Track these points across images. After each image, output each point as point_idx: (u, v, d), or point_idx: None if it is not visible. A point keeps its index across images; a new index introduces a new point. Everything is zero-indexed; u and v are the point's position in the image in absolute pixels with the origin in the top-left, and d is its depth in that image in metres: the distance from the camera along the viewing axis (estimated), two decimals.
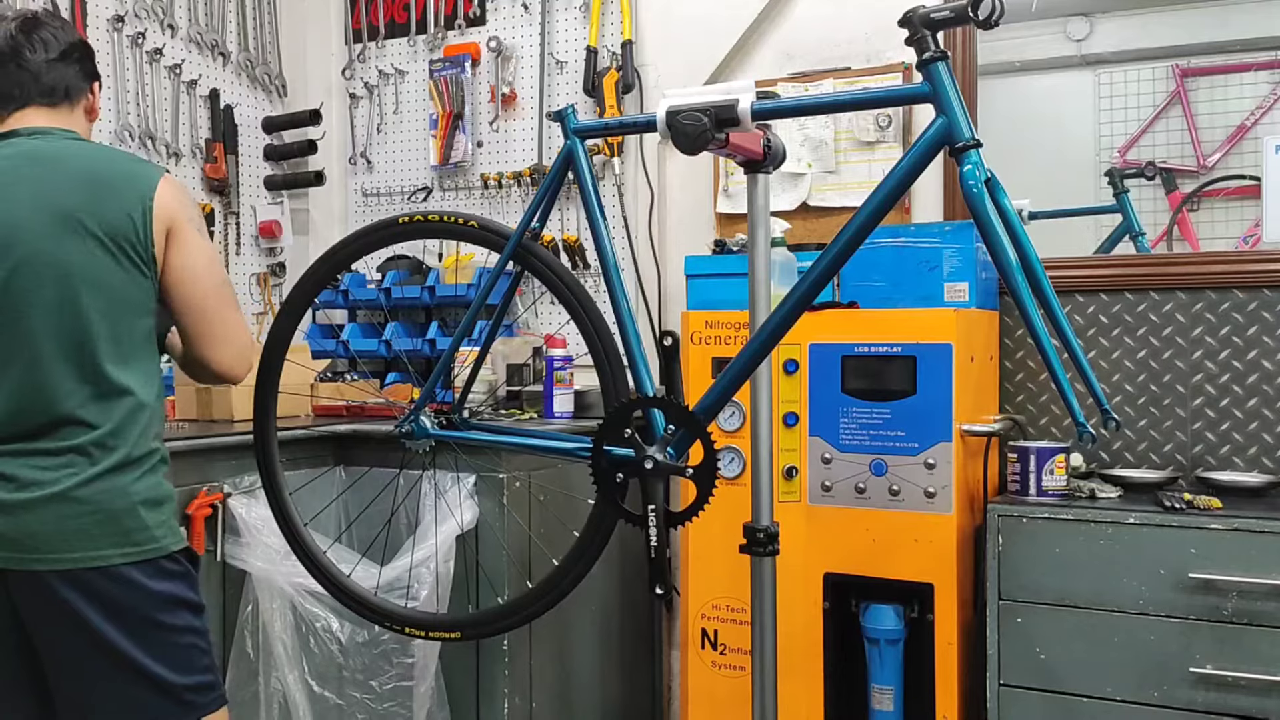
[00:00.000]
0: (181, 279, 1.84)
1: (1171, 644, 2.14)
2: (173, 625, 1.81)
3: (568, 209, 3.34)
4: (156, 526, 1.80)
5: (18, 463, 1.74)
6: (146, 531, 1.78)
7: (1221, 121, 2.75)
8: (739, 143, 1.78)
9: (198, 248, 1.86)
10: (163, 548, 1.80)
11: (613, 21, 3.27)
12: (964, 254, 2.44)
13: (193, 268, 1.85)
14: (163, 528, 1.81)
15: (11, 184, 1.78)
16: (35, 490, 1.73)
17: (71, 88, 1.91)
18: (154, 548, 1.79)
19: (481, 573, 2.56)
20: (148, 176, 1.83)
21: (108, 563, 1.74)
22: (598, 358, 1.97)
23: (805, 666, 2.42)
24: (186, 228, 1.84)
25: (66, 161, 1.81)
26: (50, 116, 1.89)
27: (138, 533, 1.77)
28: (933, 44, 1.62)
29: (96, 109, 1.99)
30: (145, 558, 1.78)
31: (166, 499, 1.84)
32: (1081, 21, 2.89)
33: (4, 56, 1.86)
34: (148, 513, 1.79)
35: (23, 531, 1.72)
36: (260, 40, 3.68)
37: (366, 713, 2.59)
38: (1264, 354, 2.54)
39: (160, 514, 1.81)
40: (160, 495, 1.83)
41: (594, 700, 2.93)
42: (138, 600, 1.77)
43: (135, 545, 1.77)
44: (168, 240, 1.82)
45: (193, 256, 1.85)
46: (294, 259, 3.71)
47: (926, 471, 2.30)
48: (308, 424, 2.83)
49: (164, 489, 1.84)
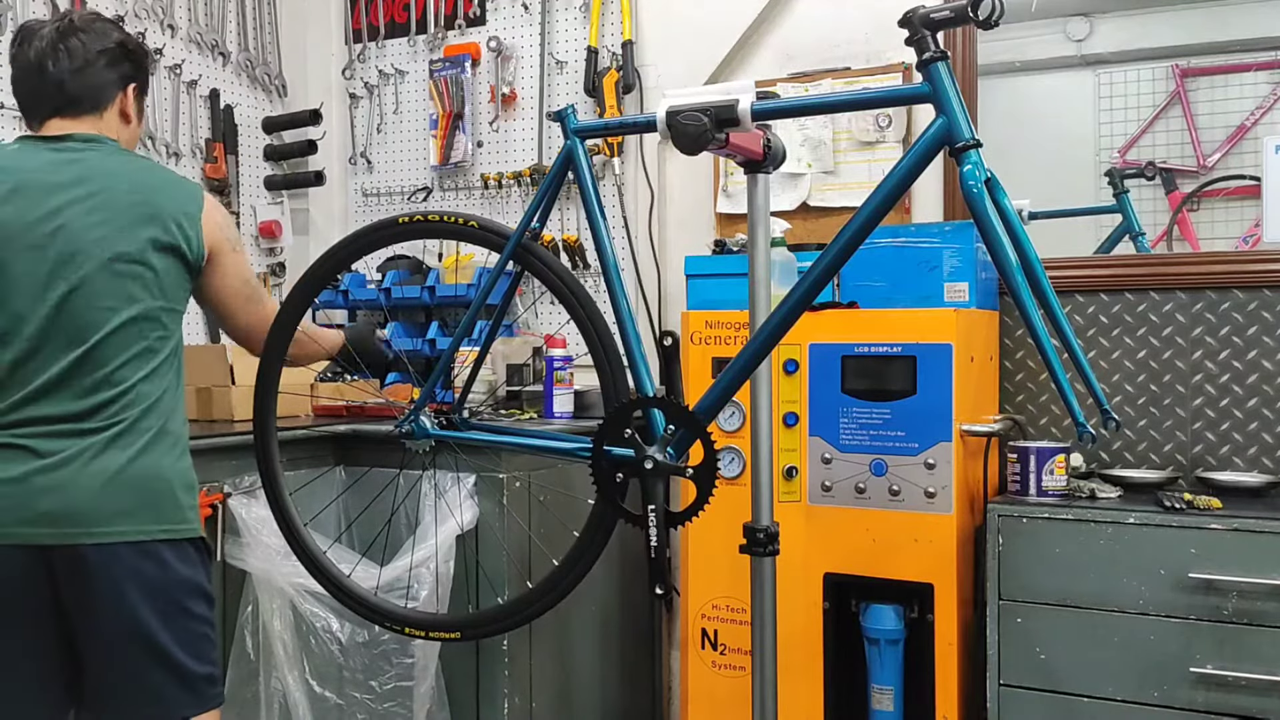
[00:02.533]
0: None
1: (1172, 644, 2.14)
2: (195, 613, 1.87)
3: (568, 209, 3.34)
4: (190, 509, 1.88)
5: (58, 441, 1.79)
6: (180, 512, 1.86)
7: (1221, 121, 2.75)
8: (739, 143, 1.78)
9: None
10: (194, 529, 1.89)
11: (613, 21, 3.27)
12: (964, 254, 2.44)
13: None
14: (194, 511, 1.90)
15: (72, 194, 1.84)
16: (75, 464, 1.78)
17: (98, 96, 1.92)
18: (186, 529, 1.87)
19: (481, 573, 2.56)
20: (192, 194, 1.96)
21: (149, 537, 1.81)
22: (598, 358, 1.97)
23: (805, 666, 2.42)
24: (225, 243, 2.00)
25: (119, 177, 1.89)
26: (75, 126, 1.91)
27: (173, 512, 1.85)
28: (933, 44, 1.62)
29: (130, 113, 1.99)
30: (178, 537, 1.85)
31: (195, 485, 1.93)
32: (1081, 21, 2.89)
33: (30, 70, 1.90)
34: (183, 494, 1.87)
35: (66, 506, 1.76)
36: (260, 40, 3.68)
37: (366, 713, 2.59)
38: (1264, 354, 2.54)
39: (192, 498, 1.90)
40: (192, 480, 1.92)
41: (594, 700, 2.93)
42: (169, 582, 1.83)
43: (171, 523, 1.84)
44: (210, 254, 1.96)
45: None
46: (294, 259, 3.71)
47: (926, 471, 2.30)
48: (308, 424, 2.83)
49: (193, 475, 1.93)
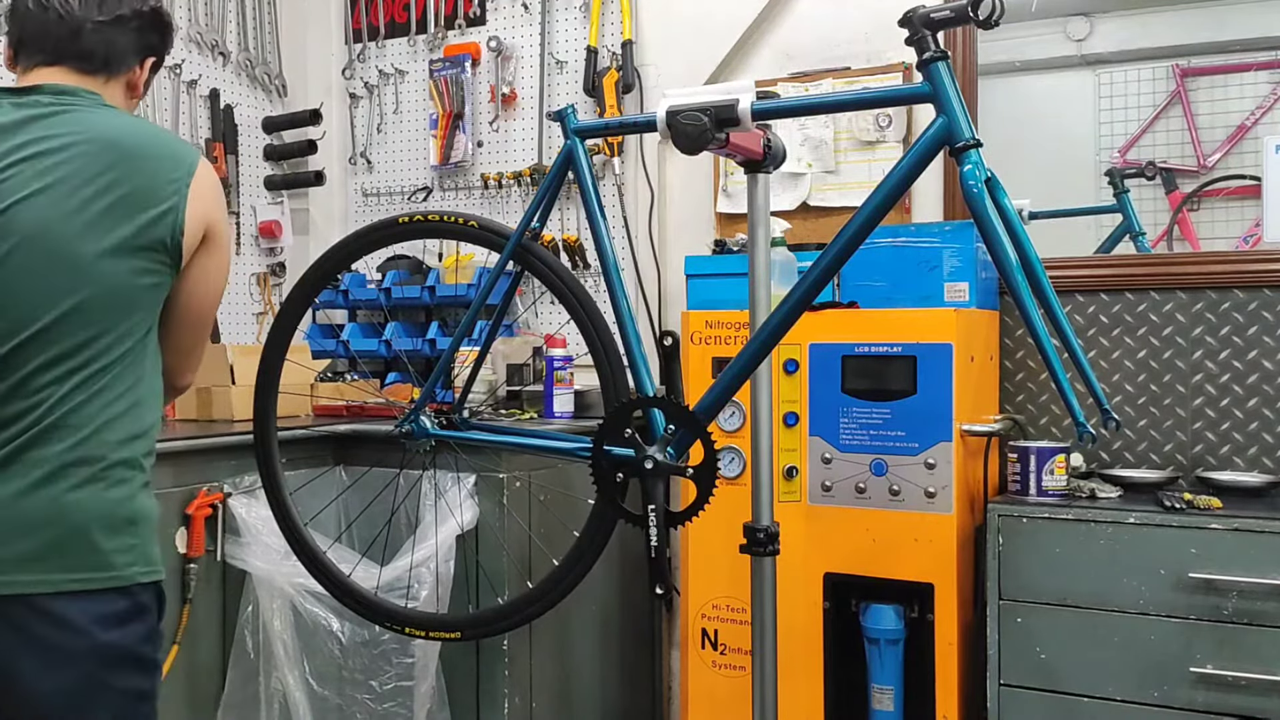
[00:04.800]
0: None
1: (1172, 644, 2.14)
2: (118, 688, 1.49)
3: (568, 209, 3.34)
4: (120, 551, 1.49)
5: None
6: (98, 556, 1.47)
7: (1221, 121, 2.75)
8: (739, 143, 1.78)
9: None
10: (122, 576, 1.49)
11: (613, 21, 3.27)
12: (964, 254, 2.44)
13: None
14: (129, 553, 1.50)
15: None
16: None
17: (115, 57, 1.62)
18: (109, 577, 1.48)
19: (481, 573, 2.56)
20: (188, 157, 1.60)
21: (54, 589, 1.44)
22: (598, 358, 1.97)
23: (805, 666, 2.42)
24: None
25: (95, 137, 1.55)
26: (79, 82, 1.60)
27: (89, 555, 1.47)
28: (933, 44, 1.62)
29: (140, 87, 1.69)
30: (96, 587, 1.46)
31: (136, 519, 1.52)
32: (1081, 21, 2.89)
33: (43, 2, 1.58)
34: (104, 534, 1.48)
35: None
36: (260, 40, 3.68)
37: (366, 713, 2.59)
38: (1264, 354, 2.54)
39: (128, 537, 1.50)
40: (130, 513, 1.51)
41: (594, 700, 2.93)
42: (77, 651, 1.45)
43: (88, 571, 1.46)
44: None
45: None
46: (294, 259, 3.71)
47: (927, 471, 2.30)
48: (308, 424, 2.83)
49: (136, 506, 1.53)
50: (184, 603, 2.41)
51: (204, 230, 1.59)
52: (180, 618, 2.41)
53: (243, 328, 3.60)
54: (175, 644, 2.40)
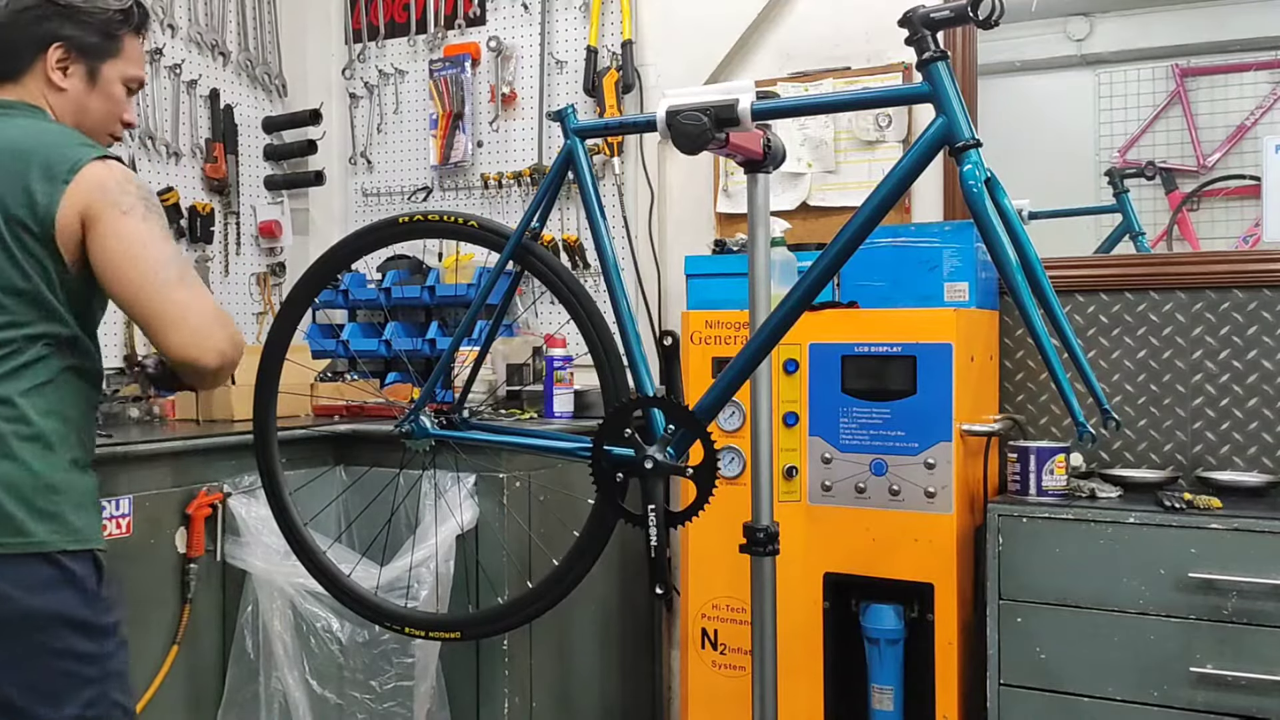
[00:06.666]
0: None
1: (1171, 644, 2.14)
2: (53, 648, 1.56)
3: (568, 209, 3.34)
4: (39, 519, 1.56)
5: None
6: (12, 522, 1.55)
7: (1221, 121, 2.75)
8: (739, 143, 1.78)
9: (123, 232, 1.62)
10: (44, 542, 1.56)
11: (613, 21, 3.27)
12: (964, 254, 2.44)
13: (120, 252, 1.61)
14: (51, 521, 1.57)
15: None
16: None
17: (11, 56, 1.65)
18: (26, 542, 1.55)
19: (481, 573, 2.56)
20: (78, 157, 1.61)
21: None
22: (598, 358, 1.97)
23: (805, 666, 2.42)
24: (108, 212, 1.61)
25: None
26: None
27: (5, 522, 1.54)
28: (933, 44, 1.62)
29: (54, 77, 1.67)
30: (15, 552, 1.54)
31: (57, 487, 1.59)
32: (1081, 21, 2.89)
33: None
34: (14, 502, 1.55)
35: None
36: (260, 40, 3.68)
37: (366, 713, 2.59)
38: (1264, 354, 2.54)
39: (46, 502, 1.57)
40: (51, 482, 1.58)
41: (594, 700, 2.93)
42: (6, 613, 1.54)
43: (5, 536, 1.54)
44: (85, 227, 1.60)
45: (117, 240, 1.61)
46: (294, 259, 3.71)
47: (926, 471, 2.30)
48: (308, 424, 2.83)
49: (60, 476, 1.59)
50: (184, 603, 2.41)
51: (80, 218, 1.59)
52: (180, 618, 2.41)
53: (243, 328, 3.60)
54: (175, 644, 2.40)
